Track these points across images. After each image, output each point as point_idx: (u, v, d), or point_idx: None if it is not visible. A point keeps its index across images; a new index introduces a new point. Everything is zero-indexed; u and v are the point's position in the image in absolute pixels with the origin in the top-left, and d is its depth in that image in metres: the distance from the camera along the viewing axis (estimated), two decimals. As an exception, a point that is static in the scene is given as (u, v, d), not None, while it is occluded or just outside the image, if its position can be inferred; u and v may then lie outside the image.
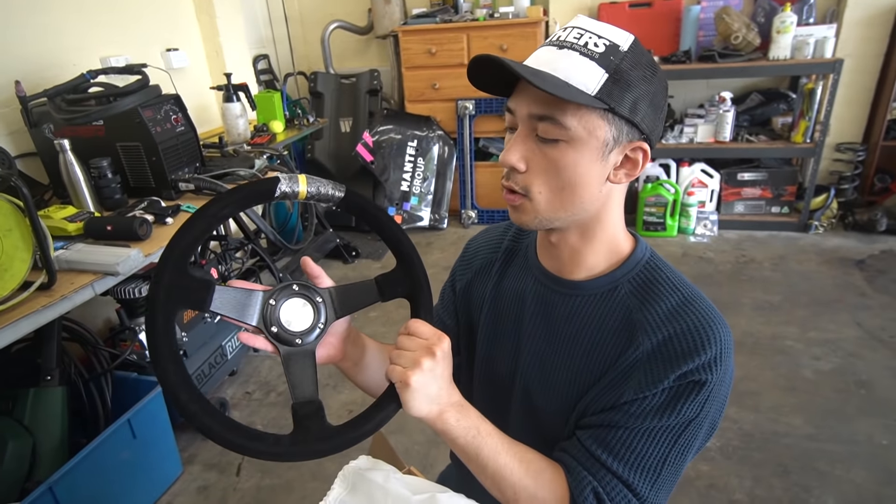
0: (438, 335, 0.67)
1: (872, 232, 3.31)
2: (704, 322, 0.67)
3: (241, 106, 2.65)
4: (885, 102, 3.29)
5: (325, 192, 0.69)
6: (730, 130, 3.38)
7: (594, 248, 0.75)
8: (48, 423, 1.58)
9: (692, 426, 0.67)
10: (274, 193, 0.66)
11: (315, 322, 0.66)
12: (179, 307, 0.61)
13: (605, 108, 0.62)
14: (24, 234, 1.33)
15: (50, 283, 1.37)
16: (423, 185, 3.77)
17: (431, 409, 0.65)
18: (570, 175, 0.66)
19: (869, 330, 2.44)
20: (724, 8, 3.24)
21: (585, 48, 0.62)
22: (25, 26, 2.11)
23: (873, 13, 3.24)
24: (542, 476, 0.69)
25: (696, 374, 0.65)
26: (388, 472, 0.75)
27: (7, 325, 1.26)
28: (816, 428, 1.93)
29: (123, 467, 1.66)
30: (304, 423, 0.63)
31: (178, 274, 0.60)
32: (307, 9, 4.16)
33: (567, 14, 3.63)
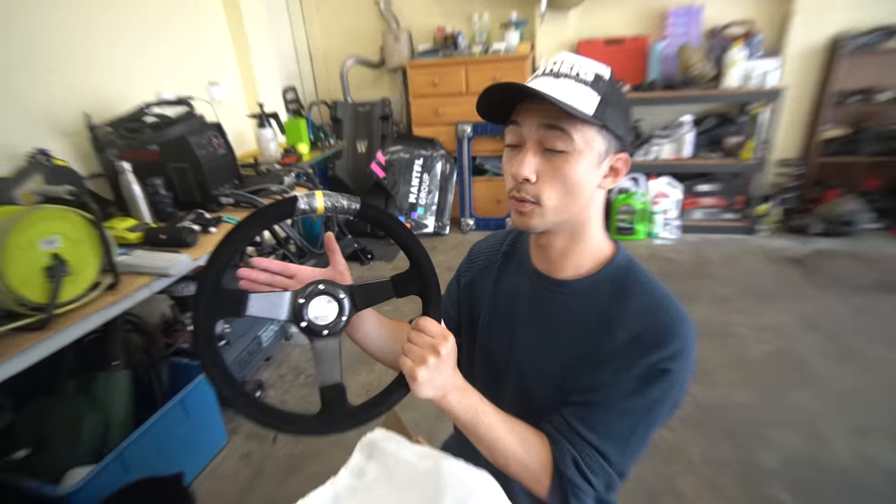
0: (444, 334, 0.66)
1: (808, 235, 3.32)
2: (672, 320, 0.69)
3: (272, 131, 2.67)
4: (819, 124, 3.31)
5: (342, 205, 0.67)
6: (690, 149, 3.40)
7: (580, 251, 0.76)
8: (116, 401, 1.61)
9: (657, 406, 0.69)
10: (294, 213, 0.65)
11: (339, 315, 0.66)
12: (219, 317, 0.63)
13: (600, 125, 0.65)
14: (94, 243, 1.35)
15: (115, 283, 1.40)
16: (428, 197, 3.79)
17: (436, 394, 0.66)
18: (574, 182, 0.67)
19: (804, 317, 2.45)
20: (684, 45, 3.27)
21: (578, 77, 0.65)
22: (94, 68, 2.13)
23: (809, 50, 3.26)
24: (530, 446, 0.70)
25: (662, 363, 0.67)
26: (399, 442, 0.76)
27: (80, 319, 1.29)
28: (759, 399, 1.95)
29: (178, 438, 1.68)
30: (329, 405, 0.65)
31: (215, 290, 0.61)
32: (329, 47, 4.17)
33: (550, 50, 3.65)
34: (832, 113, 3.27)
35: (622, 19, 3.57)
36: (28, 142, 1.80)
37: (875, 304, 2.52)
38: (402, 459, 0.74)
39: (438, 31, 3.76)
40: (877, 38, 3.06)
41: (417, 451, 0.76)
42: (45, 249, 1.24)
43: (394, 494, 0.73)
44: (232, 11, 2.93)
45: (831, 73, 3.19)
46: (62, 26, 2.00)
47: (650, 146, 3.48)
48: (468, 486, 0.69)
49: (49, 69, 1.95)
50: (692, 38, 3.37)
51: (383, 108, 3.89)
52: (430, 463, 0.72)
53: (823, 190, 3.47)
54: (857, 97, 3.24)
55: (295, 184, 2.30)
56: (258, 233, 0.69)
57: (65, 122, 2.00)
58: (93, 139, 1.94)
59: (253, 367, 2.16)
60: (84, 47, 2.09)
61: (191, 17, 2.68)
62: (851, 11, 3.16)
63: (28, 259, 1.21)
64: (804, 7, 3.17)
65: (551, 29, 3.59)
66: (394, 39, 3.77)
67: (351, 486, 0.76)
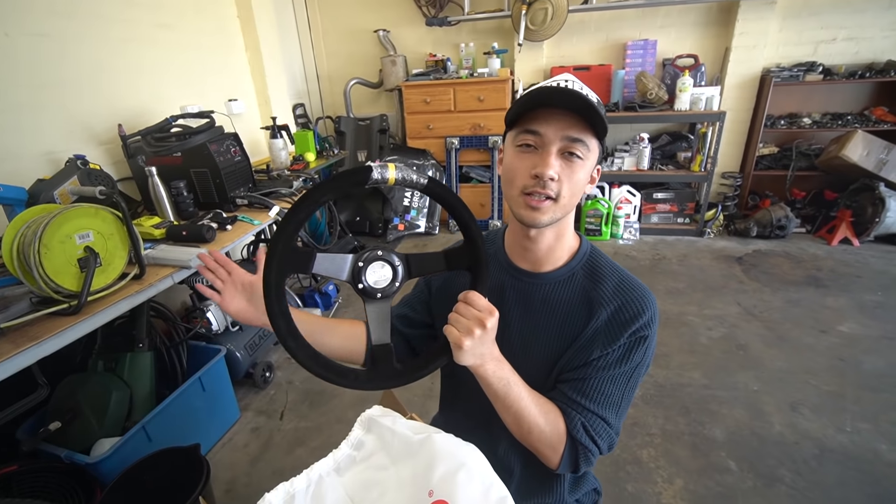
0: (490, 309, 0.63)
1: (747, 237, 3.35)
2: (640, 294, 0.71)
3: (283, 141, 2.63)
4: (754, 143, 3.37)
5: (412, 178, 0.62)
6: (647, 162, 3.41)
7: (561, 245, 0.75)
8: (141, 379, 1.56)
9: (638, 368, 0.71)
10: (367, 181, 0.60)
11: (393, 280, 0.63)
12: (289, 272, 0.60)
13: (600, 140, 0.68)
14: (123, 237, 1.32)
15: (141, 274, 1.36)
16: (420, 201, 3.76)
17: (476, 362, 0.65)
18: (581, 184, 0.68)
19: (745, 307, 2.47)
20: (641, 72, 3.28)
21: (587, 97, 0.65)
22: (127, 84, 2.10)
23: (744, 80, 3.33)
24: (549, 416, 0.69)
25: (641, 331, 0.69)
26: (395, 417, 0.74)
27: (110, 305, 1.26)
28: (709, 379, 1.95)
29: (196, 412, 1.64)
30: (378, 362, 0.63)
31: (287, 248, 0.59)
32: (334, 70, 4.12)
33: (528, 74, 3.64)
34: (765, 133, 3.32)
35: (588, 50, 3.59)
36: (69, 148, 1.80)
37: (803, 296, 2.55)
38: (398, 433, 0.72)
39: (430, 57, 3.73)
40: (798, 72, 3.15)
41: (412, 425, 0.74)
42: (79, 243, 1.21)
43: (390, 464, 0.70)
44: (250, 37, 2.88)
45: (763, 100, 3.25)
46: (104, 51, 1.98)
47: (614, 159, 3.49)
48: (458, 456, 0.67)
49: (90, 87, 1.93)
50: (648, 66, 3.39)
51: (381, 123, 3.86)
52: (424, 436, 0.70)
53: (759, 199, 3.53)
54: (784, 121, 3.32)
55: (303, 188, 2.26)
56: (331, 198, 0.62)
57: (101, 132, 1.97)
58: (124, 147, 1.89)
59: (263, 349, 2.11)
60: (121, 68, 2.06)
61: (213, 41, 2.63)
62: (777, 49, 3.28)
63: (64, 251, 1.17)
64: (738, 45, 3.24)
65: (528, 57, 3.58)
66: (391, 63, 3.73)
67: (351, 456, 0.74)
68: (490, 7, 3.55)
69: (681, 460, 1.57)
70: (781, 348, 2.12)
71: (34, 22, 1.69)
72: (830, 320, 2.31)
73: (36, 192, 1.42)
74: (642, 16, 3.40)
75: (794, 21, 3.18)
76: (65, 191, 1.48)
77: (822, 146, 3.29)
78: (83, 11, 1.86)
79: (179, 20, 2.37)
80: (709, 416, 1.75)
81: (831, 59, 3.21)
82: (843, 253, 3.05)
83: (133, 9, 2.10)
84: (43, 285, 1.13)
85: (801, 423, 1.69)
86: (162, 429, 1.48)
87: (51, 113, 1.77)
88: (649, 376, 1.98)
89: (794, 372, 1.96)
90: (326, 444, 1.68)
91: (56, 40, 1.76)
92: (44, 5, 1.71)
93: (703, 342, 2.20)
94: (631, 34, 3.45)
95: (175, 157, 1.88)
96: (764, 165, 3.43)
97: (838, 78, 3.10)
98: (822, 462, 1.52)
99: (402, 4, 3.73)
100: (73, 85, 1.85)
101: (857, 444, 1.58)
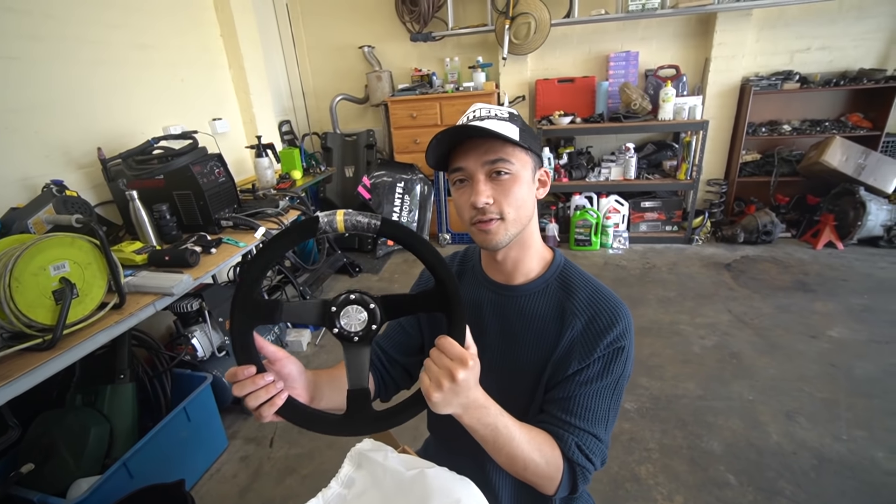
0: (462, 357, 0.58)
1: (734, 243, 3.39)
2: (612, 305, 0.73)
3: (268, 160, 2.60)
4: (737, 150, 3.43)
5: (362, 223, 0.60)
6: (634, 171, 3.44)
7: (530, 256, 0.77)
8: (122, 412, 1.51)
9: (621, 378, 0.72)
10: (315, 233, 0.59)
11: (370, 323, 0.61)
12: (255, 325, 0.59)
13: (526, 148, 0.71)
14: (101, 266, 1.28)
15: (121, 303, 1.33)
16: (409, 215, 3.74)
17: (455, 412, 0.61)
18: (522, 196, 0.71)
19: (736, 315, 2.48)
20: (625, 83, 3.33)
21: (498, 117, 0.70)
22: (106, 105, 2.06)
23: (725, 89, 3.41)
24: (544, 449, 0.68)
25: (617, 341, 0.70)
26: (386, 451, 0.72)
27: (88, 337, 1.21)
28: (704, 390, 1.93)
29: (182, 444, 1.58)
30: (355, 408, 0.61)
31: (247, 302, 0.58)
32: (319, 86, 4.12)
33: (512, 87, 3.68)
34: (747, 141, 3.39)
35: (572, 62, 3.64)
36: (46, 173, 1.76)
37: (792, 301, 2.57)
38: (390, 468, 0.70)
39: (416, 72, 3.75)
40: (776, 80, 3.24)
41: (404, 459, 0.72)
42: (54, 274, 1.17)
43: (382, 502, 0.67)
44: (233, 55, 2.86)
45: (743, 109, 3.32)
46: (79, 71, 1.94)
47: (601, 169, 3.51)
48: (453, 493, 0.65)
49: (67, 109, 1.89)
50: (631, 78, 3.45)
51: (368, 138, 3.86)
52: (416, 472, 0.68)
53: (744, 205, 3.58)
54: (765, 128, 3.39)
55: (289, 207, 2.24)
56: (283, 252, 0.64)
57: (80, 156, 1.92)
58: (104, 170, 1.86)
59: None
60: (99, 89, 2.02)
61: (196, 60, 2.61)
62: (755, 59, 3.37)
63: (38, 284, 1.14)
64: (718, 55, 3.32)
65: (512, 70, 3.62)
66: (376, 79, 3.74)
67: (341, 495, 0.71)
68: (474, 22, 3.59)
69: (680, 475, 1.54)
70: (773, 356, 2.12)
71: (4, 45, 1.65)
72: (820, 325, 2.33)
73: (9, 222, 1.37)
74: (623, 28, 3.47)
75: (770, 31, 3.27)
76: (39, 220, 1.44)
77: (803, 152, 3.37)
78: (54, 34, 1.82)
79: (160, 40, 2.35)
80: (706, 429, 1.73)
81: (807, 68, 3.30)
82: (829, 257, 3.09)
83: (110, 30, 2.07)
84: (14, 320, 1.09)
85: (798, 432, 1.68)
86: (145, 464, 1.42)
87: (25, 137, 1.72)
88: (644, 388, 1.96)
89: (787, 379, 1.96)
90: (318, 472, 1.63)
91: (26, 63, 1.72)
92: (13, 28, 1.68)
93: (697, 351, 2.20)
94: (613, 46, 3.51)
95: (157, 180, 1.85)
96: (748, 172, 3.49)
97: (814, 86, 3.18)
98: (821, 473, 1.51)
99: (387, 20, 3.76)
100: (48, 108, 1.80)
101: (854, 453, 1.58)
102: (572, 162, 3.58)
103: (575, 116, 3.43)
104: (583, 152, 3.67)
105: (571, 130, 3.43)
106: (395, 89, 3.79)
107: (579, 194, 3.58)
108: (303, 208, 2.35)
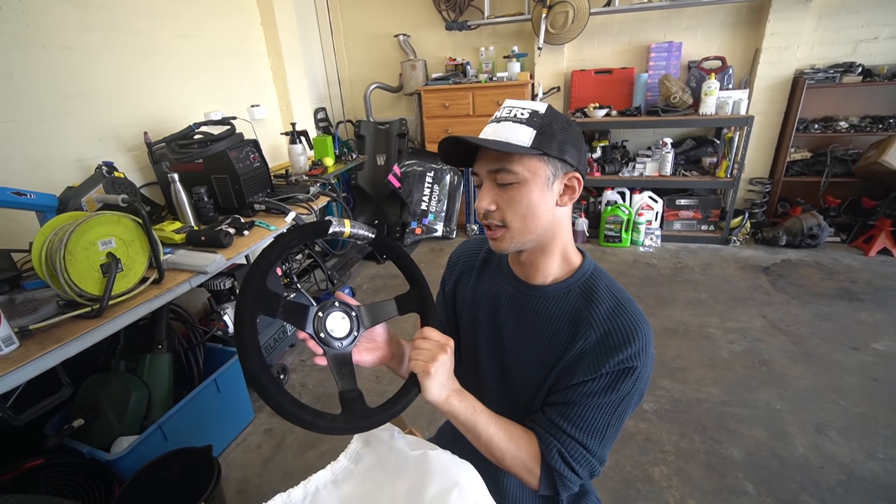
0: (446, 338, 0.69)
1: (775, 245, 3.23)
2: (633, 322, 0.68)
3: (302, 147, 2.68)
4: (785, 148, 3.24)
5: (362, 233, 0.73)
6: (670, 167, 3.33)
7: (550, 261, 0.76)
8: (159, 379, 1.62)
9: (627, 399, 0.69)
10: (326, 233, 0.70)
11: (352, 329, 0.67)
12: (259, 314, 0.61)
13: (539, 153, 0.66)
14: (143, 243, 1.37)
15: (160, 278, 1.41)
16: (437, 205, 3.77)
17: (441, 394, 0.67)
18: (528, 205, 0.68)
19: (771, 321, 2.38)
20: (665, 76, 3.20)
21: (514, 117, 0.67)
22: (152, 92, 2.18)
23: (775, 83, 3.21)
24: (521, 442, 0.71)
25: (628, 361, 0.67)
26: (393, 431, 0.76)
27: (130, 309, 1.31)
28: (728, 396, 1.88)
29: (211, 413, 1.69)
30: (350, 407, 0.63)
31: (258, 292, 0.61)
32: (355, 74, 4.18)
33: (547, 78, 3.61)
34: (797, 138, 3.20)
35: (610, 53, 3.53)
36: (99, 155, 1.89)
37: (834, 310, 2.44)
38: (395, 448, 0.73)
39: (450, 61, 3.75)
40: (834, 73, 3.03)
41: (409, 440, 0.75)
42: (102, 249, 1.27)
43: (385, 479, 0.71)
44: (272, 43, 2.95)
45: (795, 104, 3.13)
46: (127, 60, 2.05)
47: (635, 164, 3.42)
48: (452, 475, 0.67)
49: (118, 96, 2.01)
50: (672, 69, 3.32)
51: (400, 127, 3.89)
52: (419, 453, 0.71)
53: (789, 206, 3.39)
54: (818, 125, 3.18)
55: (320, 193, 2.30)
56: (297, 245, 0.68)
57: (128, 139, 2.05)
58: (150, 153, 1.97)
59: (279, 352, 2.16)
60: (145, 77, 2.14)
61: (236, 48, 2.70)
62: (811, 50, 3.16)
63: (88, 257, 1.23)
64: (769, 46, 3.13)
65: (548, 60, 3.55)
66: (411, 68, 3.76)
67: (349, 469, 0.75)
68: (510, 11, 3.54)
69: (694, 480, 1.52)
70: (808, 365, 2.03)
71: (65, 35, 1.77)
72: (864, 337, 2.20)
73: (65, 199, 1.49)
74: (667, 17, 3.33)
75: (832, 20, 3.05)
76: (91, 198, 1.56)
77: (860, 151, 3.15)
78: (107, 24, 1.94)
79: (202, 30, 2.45)
80: (727, 435, 1.69)
81: (872, 59, 3.06)
82: (882, 265, 2.90)
83: (155, 20, 2.17)
84: (68, 289, 1.19)
85: (828, 446, 1.62)
86: (178, 428, 1.53)
87: (80, 121, 1.85)
88: (665, 390, 1.93)
89: (821, 391, 1.88)
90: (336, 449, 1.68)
91: (83, 52, 1.84)
92: (73, 20, 1.80)
93: (724, 356, 2.13)
94: (655, 36, 3.38)
95: (197, 164, 1.95)
96: (795, 171, 3.30)
97: (880, 79, 2.95)
98: (849, 489, 1.45)
99: (423, 9, 3.76)
100: (101, 95, 1.93)
101: (889, 473, 1.50)
102: (606, 156, 3.50)
103: (611, 109, 3.33)
104: (617, 146, 3.58)
105: (606, 123, 3.35)
106: (429, 78, 3.80)
107: (611, 189, 3.50)
108: (333, 195, 2.42)
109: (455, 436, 0.98)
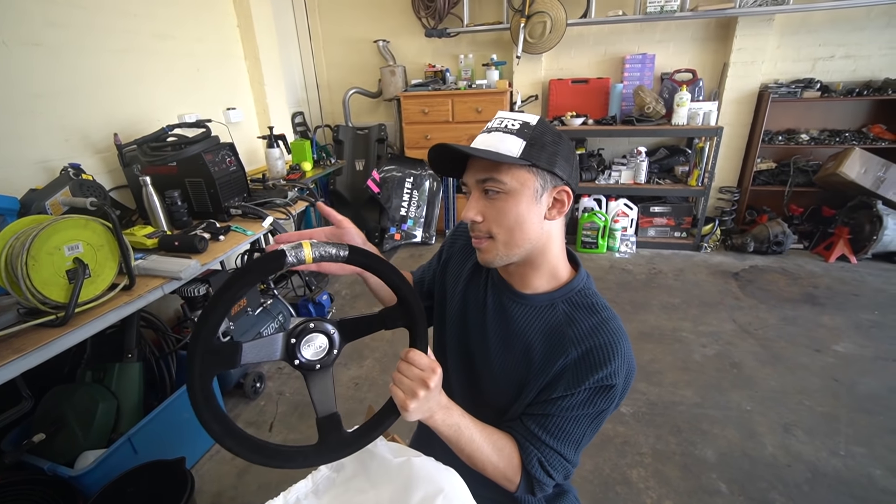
0: (432, 366, 0.63)
1: (744, 252, 3.36)
2: (612, 341, 0.69)
3: (279, 151, 2.63)
4: (752, 158, 3.40)
5: (330, 253, 0.60)
6: (644, 175, 3.43)
7: (538, 274, 0.76)
8: (129, 390, 1.56)
9: (604, 413, 0.72)
10: (283, 266, 0.58)
11: (330, 349, 0.62)
12: (215, 373, 0.57)
13: (528, 164, 0.66)
14: (113, 248, 1.32)
15: (130, 285, 1.36)
16: (417, 211, 3.77)
17: (424, 416, 0.66)
18: (515, 216, 0.68)
19: (741, 325, 2.47)
20: (639, 86, 3.31)
21: (505, 128, 0.67)
22: (124, 92, 2.11)
23: (742, 95, 3.36)
24: (503, 452, 0.72)
25: (607, 379, 0.68)
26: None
27: (98, 316, 1.26)
28: (701, 398, 1.93)
29: (184, 424, 1.64)
30: (327, 435, 0.62)
31: (208, 349, 0.56)
32: (333, 78, 4.16)
33: (525, 86, 3.68)
34: (762, 149, 3.36)
35: (587, 63, 3.63)
36: (65, 157, 1.82)
37: (799, 314, 2.55)
38: (378, 455, 0.73)
39: (429, 68, 3.77)
40: (795, 88, 3.19)
41: (392, 447, 0.75)
42: (68, 254, 1.21)
43: (369, 487, 0.71)
44: (249, 45, 2.90)
45: (760, 116, 3.28)
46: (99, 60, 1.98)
47: (611, 172, 3.51)
48: (436, 481, 0.67)
49: (86, 96, 1.94)
50: (646, 80, 3.43)
51: (379, 132, 3.89)
52: (403, 459, 0.71)
53: (756, 214, 3.54)
54: (781, 136, 3.35)
55: (298, 197, 2.27)
56: (248, 290, 0.64)
57: (97, 141, 1.98)
58: (120, 156, 1.91)
59: (256, 360, 2.10)
60: (117, 77, 2.07)
61: (212, 50, 2.65)
62: (775, 65, 3.33)
63: (53, 263, 1.18)
64: (736, 61, 3.28)
65: (526, 69, 3.62)
66: (390, 73, 3.77)
67: (330, 478, 0.74)
68: (489, 19, 3.59)
69: (671, 481, 1.56)
70: (775, 367, 2.12)
71: (30, 31, 1.71)
72: (826, 339, 2.31)
73: (28, 202, 1.43)
74: (641, 30, 3.45)
75: (792, 38, 3.23)
76: (56, 201, 1.50)
77: (820, 162, 3.32)
78: (78, 22, 1.88)
79: (177, 29, 2.39)
80: (700, 436, 1.74)
81: (829, 76, 3.25)
82: (841, 270, 3.06)
83: (129, 19, 2.12)
84: (30, 296, 1.14)
85: (794, 444, 1.68)
86: (148, 441, 1.47)
87: (46, 121, 1.78)
88: (641, 394, 1.97)
89: (787, 392, 1.95)
90: (314, 459, 1.67)
91: (51, 50, 1.78)
92: (39, 15, 1.73)
93: (697, 359, 2.20)
94: (629, 48, 3.49)
95: (170, 167, 1.89)
96: (761, 181, 3.46)
97: (836, 95, 3.14)
98: (815, 486, 1.52)
99: (403, 15, 3.78)
100: (69, 94, 1.86)
101: (850, 469, 1.58)
102: (582, 164, 3.58)
103: (587, 118, 3.42)
104: (593, 154, 3.66)
105: (583, 132, 3.43)
106: (408, 84, 3.81)
107: (588, 196, 3.58)
108: (311, 199, 2.39)
109: (429, 438, 0.98)
